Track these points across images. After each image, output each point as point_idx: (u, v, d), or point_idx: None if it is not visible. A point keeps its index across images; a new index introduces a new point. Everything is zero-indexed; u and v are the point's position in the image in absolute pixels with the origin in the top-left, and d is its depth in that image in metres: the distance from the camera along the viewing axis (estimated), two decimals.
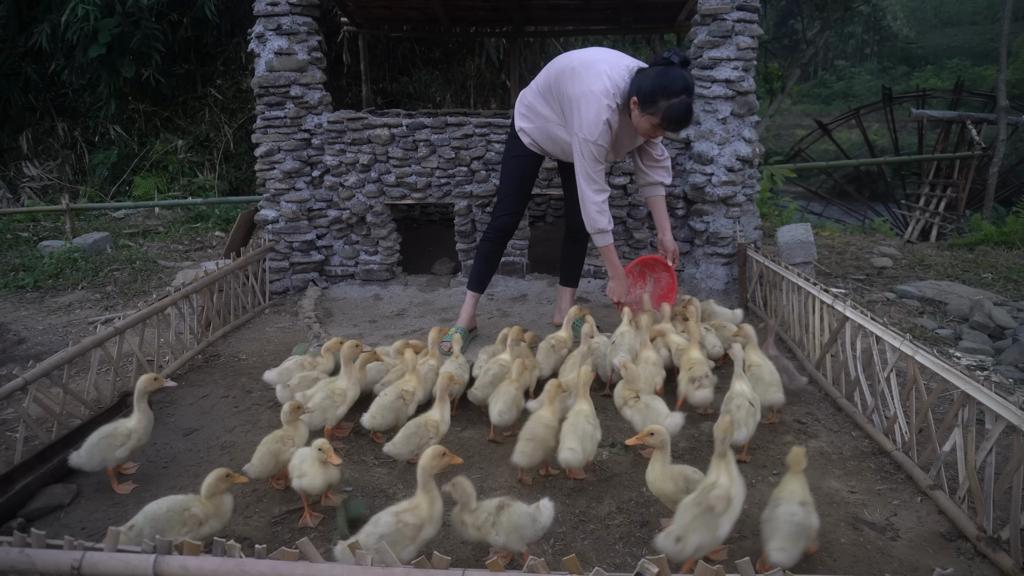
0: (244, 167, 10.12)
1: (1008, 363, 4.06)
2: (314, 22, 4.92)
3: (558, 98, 3.54)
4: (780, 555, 2.08)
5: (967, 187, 11.42)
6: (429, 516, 2.08)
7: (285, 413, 2.61)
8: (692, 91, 3.28)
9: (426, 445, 2.56)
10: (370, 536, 2.01)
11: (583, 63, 3.43)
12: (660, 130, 3.36)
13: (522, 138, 3.75)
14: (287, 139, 4.92)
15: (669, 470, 2.28)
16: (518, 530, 2.08)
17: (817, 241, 6.46)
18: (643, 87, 3.27)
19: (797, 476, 2.22)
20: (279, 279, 5.09)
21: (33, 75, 9.85)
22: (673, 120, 3.28)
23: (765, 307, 4.38)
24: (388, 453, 2.70)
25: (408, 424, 2.76)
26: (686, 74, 3.28)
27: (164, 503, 2.17)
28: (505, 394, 2.93)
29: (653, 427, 2.31)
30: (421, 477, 2.12)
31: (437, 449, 2.20)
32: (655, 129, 3.35)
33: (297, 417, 2.63)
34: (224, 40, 9.98)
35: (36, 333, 4.76)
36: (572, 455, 2.54)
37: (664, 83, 3.22)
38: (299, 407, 2.65)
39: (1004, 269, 6.25)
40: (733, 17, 4.49)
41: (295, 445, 2.56)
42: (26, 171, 10.03)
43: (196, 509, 2.18)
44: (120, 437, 2.63)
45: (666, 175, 3.82)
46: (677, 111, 3.25)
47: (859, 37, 29.53)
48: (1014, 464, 2.12)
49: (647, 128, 3.35)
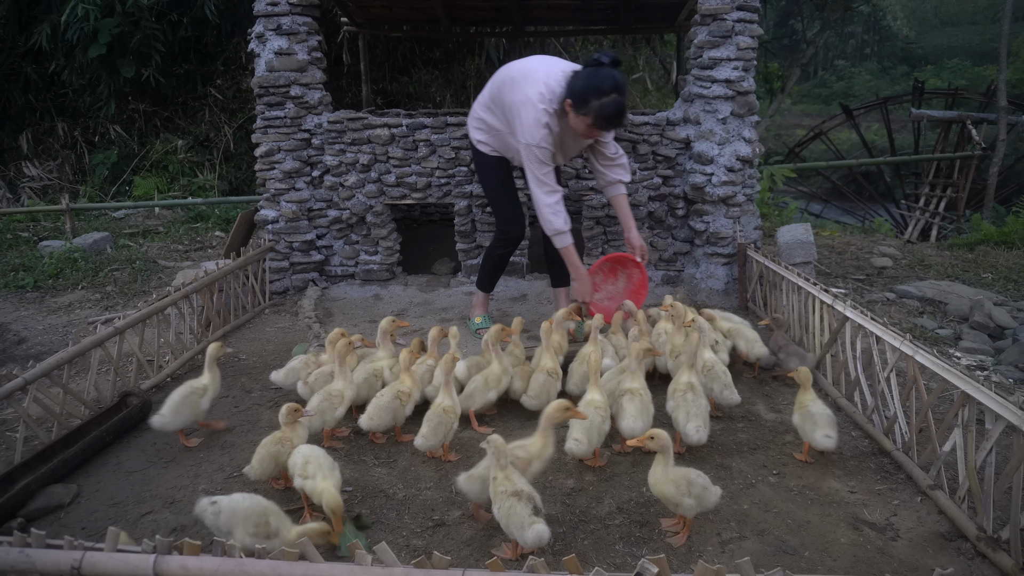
0: (244, 167, 10.11)
1: (1008, 363, 4.06)
2: (314, 22, 4.92)
3: (502, 108, 3.65)
4: (828, 441, 2.68)
5: (967, 187, 11.42)
6: (539, 454, 2.41)
7: (283, 415, 2.62)
8: (623, 90, 3.37)
9: (452, 431, 2.80)
10: (484, 468, 2.30)
11: (521, 72, 3.56)
12: (595, 130, 3.45)
13: (482, 149, 3.86)
14: (287, 139, 4.92)
15: (671, 473, 2.28)
16: (508, 517, 2.14)
17: (817, 241, 6.46)
18: (575, 89, 3.38)
19: (807, 390, 2.82)
20: (279, 279, 5.09)
21: (33, 75, 9.85)
22: (605, 119, 3.37)
23: (765, 307, 4.38)
24: (419, 447, 2.77)
25: (429, 417, 2.78)
26: (616, 73, 3.36)
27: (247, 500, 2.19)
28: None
29: (654, 431, 2.31)
30: (543, 423, 2.43)
31: (563, 402, 2.46)
32: (590, 129, 3.43)
33: (295, 419, 2.63)
34: (224, 40, 9.98)
35: (36, 333, 4.76)
36: (577, 446, 2.64)
37: (594, 83, 3.32)
38: (297, 409, 2.65)
39: (1004, 269, 6.25)
40: (733, 17, 4.49)
41: (293, 446, 2.56)
42: (26, 171, 10.03)
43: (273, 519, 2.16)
44: (199, 391, 2.98)
45: (624, 173, 3.88)
46: (608, 110, 3.33)
47: (859, 37, 29.57)
48: (1014, 464, 2.12)
49: (582, 128, 3.44)
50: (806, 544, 2.31)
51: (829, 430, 2.73)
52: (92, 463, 2.88)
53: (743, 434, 3.07)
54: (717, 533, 2.37)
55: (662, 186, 4.89)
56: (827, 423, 2.74)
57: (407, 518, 2.49)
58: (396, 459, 2.89)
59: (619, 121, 3.43)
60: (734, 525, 2.42)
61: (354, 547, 1.62)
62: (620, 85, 3.35)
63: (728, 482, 2.67)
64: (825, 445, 2.72)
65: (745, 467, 2.79)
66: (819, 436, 2.73)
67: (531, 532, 2.07)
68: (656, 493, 2.31)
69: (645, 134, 4.78)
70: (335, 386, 2.95)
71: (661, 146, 4.82)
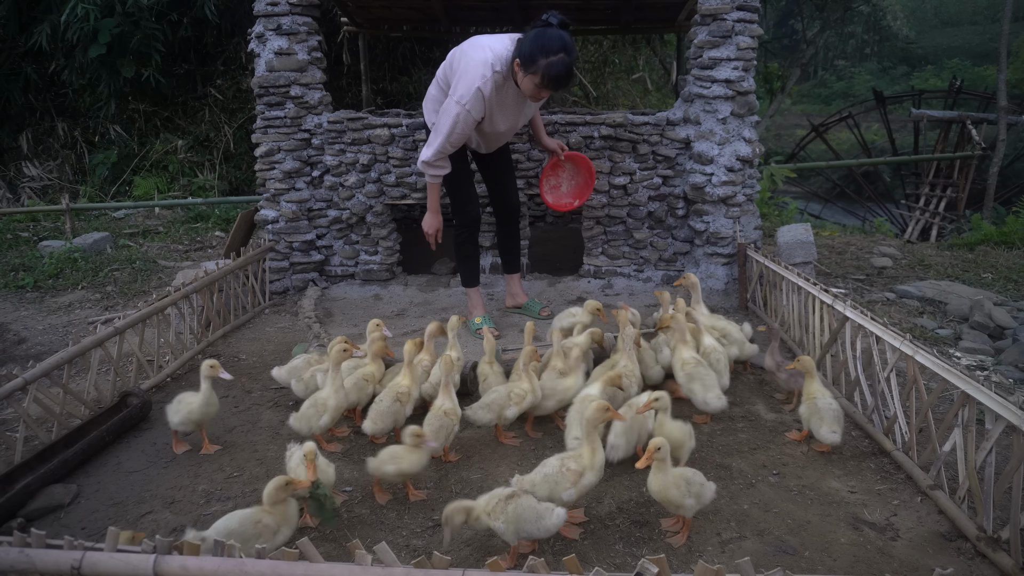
0: (244, 167, 10.11)
1: (1008, 363, 4.06)
2: (314, 22, 4.92)
3: (448, 81, 3.65)
4: (833, 436, 2.75)
5: (967, 187, 11.42)
6: (591, 464, 2.33)
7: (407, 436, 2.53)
8: (571, 50, 3.37)
9: (453, 434, 2.79)
10: (537, 474, 2.31)
11: (470, 44, 3.61)
12: (542, 89, 3.45)
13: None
14: (287, 139, 4.92)
15: (671, 476, 2.27)
16: (518, 521, 2.10)
17: (817, 241, 6.46)
18: (523, 49, 3.38)
19: (814, 378, 2.88)
20: (279, 279, 5.09)
21: (33, 75, 9.85)
22: (552, 78, 3.37)
23: (765, 307, 4.38)
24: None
25: (430, 420, 2.76)
26: (564, 34, 3.38)
27: (235, 518, 2.13)
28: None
29: (657, 441, 2.27)
30: (586, 429, 2.35)
31: (602, 404, 2.40)
32: (538, 90, 3.44)
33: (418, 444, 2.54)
34: (224, 40, 9.98)
35: (36, 333, 4.76)
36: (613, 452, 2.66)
37: (542, 42, 3.33)
38: (420, 435, 2.54)
39: (1004, 269, 6.25)
40: (733, 17, 4.49)
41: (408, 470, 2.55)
42: (26, 171, 10.03)
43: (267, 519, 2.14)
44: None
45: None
46: (556, 68, 3.34)
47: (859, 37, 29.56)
48: (1014, 464, 2.12)
49: (530, 88, 3.44)
50: (806, 544, 2.31)
51: (835, 426, 2.76)
52: (92, 463, 2.88)
53: (743, 434, 3.07)
54: (717, 533, 2.37)
55: (662, 186, 4.89)
56: (833, 419, 2.77)
57: (407, 518, 2.49)
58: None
59: (566, 81, 3.43)
60: (734, 525, 2.42)
61: (354, 547, 1.62)
62: (568, 45, 3.36)
63: (728, 482, 2.67)
64: (831, 440, 2.76)
65: (745, 467, 2.79)
66: (824, 432, 2.77)
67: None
68: (659, 499, 2.30)
69: (645, 134, 4.78)
70: (321, 394, 2.94)
71: (661, 146, 4.82)
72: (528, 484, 2.31)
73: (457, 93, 3.48)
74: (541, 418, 3.15)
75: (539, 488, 2.29)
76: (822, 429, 2.77)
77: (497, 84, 3.49)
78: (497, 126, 3.75)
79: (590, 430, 2.35)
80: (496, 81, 3.47)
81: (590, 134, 4.79)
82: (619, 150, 4.82)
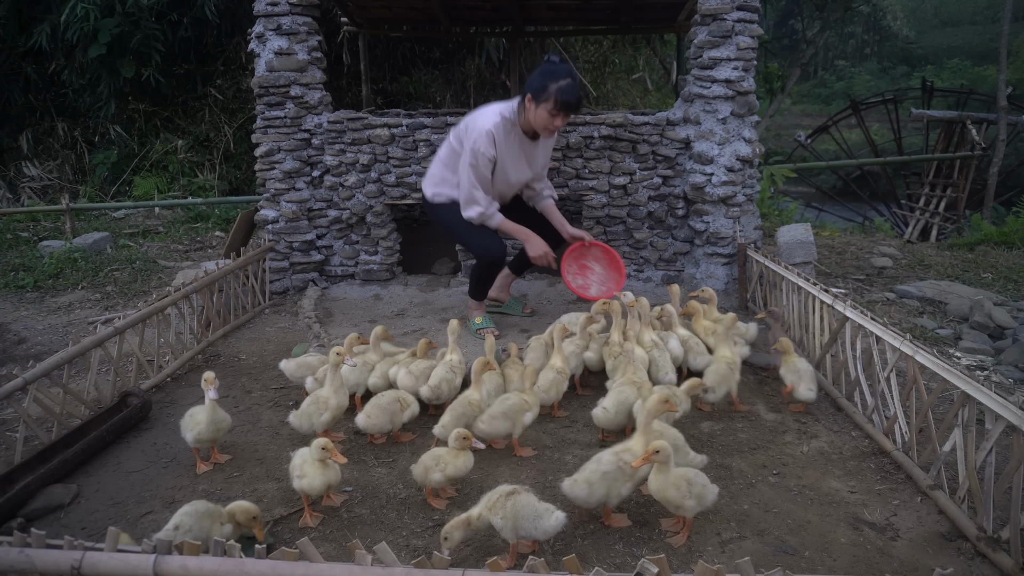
0: (244, 167, 10.11)
1: (1008, 363, 4.06)
2: (314, 22, 4.92)
3: (461, 146, 3.87)
4: (810, 394, 3.13)
5: (967, 187, 11.42)
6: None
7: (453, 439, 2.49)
8: (576, 78, 3.66)
9: (472, 424, 2.78)
10: (594, 473, 2.29)
11: (480, 108, 3.89)
12: (556, 117, 3.64)
13: (438, 200, 4.01)
14: (287, 139, 4.92)
15: (671, 477, 2.25)
16: (515, 519, 2.11)
17: (817, 241, 6.46)
18: (532, 84, 3.65)
19: (791, 353, 3.23)
20: (279, 279, 5.09)
21: (33, 75, 9.85)
22: (564, 101, 3.58)
23: (765, 307, 4.38)
24: (438, 435, 2.79)
25: (453, 406, 2.84)
26: (568, 66, 3.70)
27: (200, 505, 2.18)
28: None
29: (658, 444, 2.25)
30: (643, 419, 2.38)
31: (664, 395, 2.45)
32: (551, 118, 3.64)
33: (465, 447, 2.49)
34: (224, 40, 9.98)
35: (36, 333, 4.76)
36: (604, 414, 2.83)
37: (550, 71, 3.61)
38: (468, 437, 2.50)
39: (1004, 269, 6.25)
40: (733, 17, 4.49)
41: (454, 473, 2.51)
42: (26, 171, 10.04)
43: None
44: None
45: (552, 191, 4.24)
46: (566, 92, 3.57)
47: (859, 37, 29.58)
48: (1014, 464, 2.12)
49: (544, 118, 3.65)
50: (806, 544, 2.31)
51: (812, 384, 3.15)
52: (92, 463, 2.88)
53: (743, 434, 3.07)
54: (717, 533, 2.37)
55: (662, 186, 4.89)
56: (811, 378, 3.17)
57: (407, 518, 2.49)
58: (396, 459, 2.89)
59: (576, 105, 3.63)
60: (734, 525, 2.42)
61: (354, 547, 1.62)
62: (573, 74, 3.65)
63: (728, 482, 2.67)
64: (807, 397, 3.14)
65: (745, 467, 2.79)
66: (803, 389, 3.15)
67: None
68: (660, 499, 2.29)
69: (645, 134, 4.78)
70: (323, 392, 2.94)
71: (661, 146, 4.82)
72: (584, 482, 2.28)
73: (470, 140, 3.74)
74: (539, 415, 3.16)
75: (596, 487, 2.28)
76: (800, 387, 3.15)
77: (506, 128, 3.77)
78: (508, 174, 3.92)
79: (648, 422, 2.37)
80: (504, 126, 3.76)
81: (590, 134, 4.79)
82: (619, 150, 4.82)
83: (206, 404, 2.78)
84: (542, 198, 4.20)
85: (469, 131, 3.79)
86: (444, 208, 4.01)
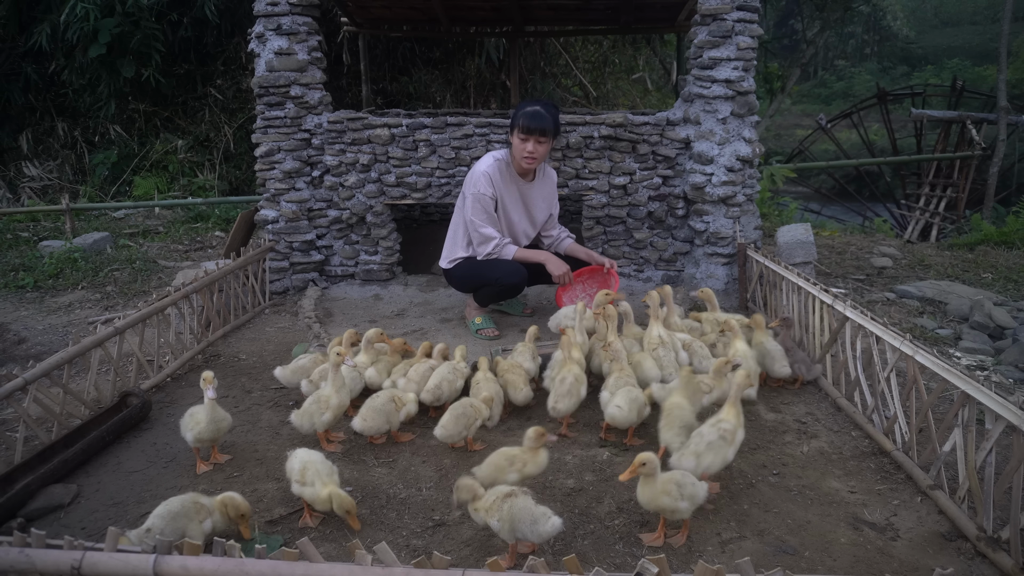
0: (244, 167, 10.11)
1: (1008, 363, 4.06)
2: (314, 22, 4.92)
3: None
4: (784, 370, 3.35)
5: (967, 187, 11.43)
6: (739, 422, 2.54)
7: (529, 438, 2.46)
8: (548, 107, 3.90)
9: (474, 427, 2.85)
10: (699, 444, 2.43)
11: (473, 167, 4.10)
12: (527, 141, 3.82)
13: (454, 264, 4.17)
14: (287, 139, 4.92)
15: (660, 485, 2.22)
16: (512, 521, 2.11)
17: (817, 241, 6.46)
18: (511, 120, 3.92)
19: (763, 330, 3.45)
20: (279, 279, 5.09)
21: (33, 75, 9.84)
22: (527, 127, 3.78)
23: (765, 307, 4.38)
24: (439, 437, 2.81)
25: (455, 406, 2.86)
26: (543, 99, 4.12)
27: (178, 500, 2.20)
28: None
29: (644, 456, 2.21)
30: (734, 392, 2.57)
31: (747, 371, 2.71)
32: (523, 143, 3.85)
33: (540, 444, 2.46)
34: (224, 40, 9.97)
35: (36, 333, 4.76)
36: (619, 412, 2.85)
37: (522, 104, 3.91)
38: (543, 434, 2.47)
39: (1004, 269, 6.25)
40: (733, 17, 4.49)
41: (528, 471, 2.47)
42: (26, 171, 10.03)
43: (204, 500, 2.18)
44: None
45: (568, 233, 4.43)
46: (529, 117, 3.78)
47: (859, 37, 29.59)
48: (1014, 464, 2.12)
49: (517, 145, 3.87)
50: (806, 544, 2.31)
51: (783, 361, 3.36)
52: (92, 463, 2.88)
53: None
54: (717, 533, 2.37)
55: (662, 186, 4.89)
56: (781, 356, 3.37)
57: (407, 518, 2.49)
58: (396, 459, 2.89)
59: (540, 129, 3.79)
60: (734, 525, 2.42)
61: (354, 547, 1.62)
62: (546, 103, 3.92)
63: (728, 482, 2.67)
64: (783, 374, 3.36)
65: (745, 467, 2.79)
66: (777, 367, 3.35)
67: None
68: (653, 508, 2.26)
69: (645, 134, 4.78)
70: (324, 391, 2.95)
71: (661, 146, 4.82)
72: (692, 455, 2.42)
73: (470, 188, 3.97)
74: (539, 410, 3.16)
75: (704, 457, 2.41)
76: (775, 366, 3.34)
77: (500, 169, 3.99)
78: (509, 214, 4.10)
79: (737, 395, 2.57)
80: (499, 167, 3.99)
81: (590, 134, 4.79)
82: (619, 150, 4.82)
83: (205, 403, 2.78)
84: (561, 241, 4.38)
85: (467, 183, 4.02)
86: (461, 265, 4.14)
